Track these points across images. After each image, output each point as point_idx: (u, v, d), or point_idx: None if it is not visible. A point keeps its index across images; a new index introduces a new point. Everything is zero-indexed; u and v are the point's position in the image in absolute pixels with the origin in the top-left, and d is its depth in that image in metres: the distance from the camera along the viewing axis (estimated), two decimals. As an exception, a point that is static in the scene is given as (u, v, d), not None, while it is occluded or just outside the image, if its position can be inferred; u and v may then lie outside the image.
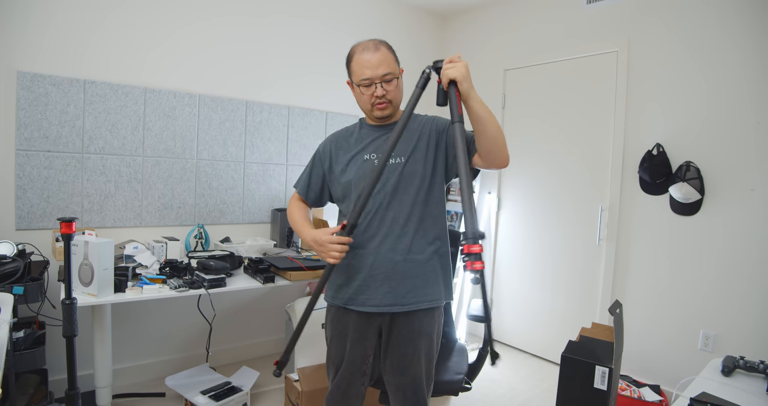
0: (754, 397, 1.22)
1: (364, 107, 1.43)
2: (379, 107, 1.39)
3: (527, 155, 3.22)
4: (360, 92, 1.40)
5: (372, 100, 1.38)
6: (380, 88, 1.36)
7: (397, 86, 1.39)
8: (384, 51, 1.36)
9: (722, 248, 2.31)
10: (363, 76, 1.36)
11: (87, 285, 1.77)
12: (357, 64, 1.38)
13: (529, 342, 3.22)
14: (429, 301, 1.40)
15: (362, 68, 1.36)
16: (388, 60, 1.36)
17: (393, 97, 1.39)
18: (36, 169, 2.18)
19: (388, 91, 1.37)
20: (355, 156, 1.45)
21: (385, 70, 1.35)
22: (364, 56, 1.36)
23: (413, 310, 1.39)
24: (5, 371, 1.21)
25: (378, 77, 1.35)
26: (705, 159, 2.35)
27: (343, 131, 1.55)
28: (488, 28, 3.47)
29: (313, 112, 3.08)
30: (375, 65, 1.34)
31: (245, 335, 2.91)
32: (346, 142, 1.50)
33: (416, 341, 1.41)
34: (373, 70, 1.34)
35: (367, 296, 1.39)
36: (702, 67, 2.37)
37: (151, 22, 2.44)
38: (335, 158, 1.49)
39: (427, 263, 1.40)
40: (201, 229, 2.59)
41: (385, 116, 1.42)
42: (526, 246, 3.23)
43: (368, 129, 1.49)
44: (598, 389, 1.45)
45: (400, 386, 1.43)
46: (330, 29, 3.11)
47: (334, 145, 1.51)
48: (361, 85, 1.38)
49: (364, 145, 1.45)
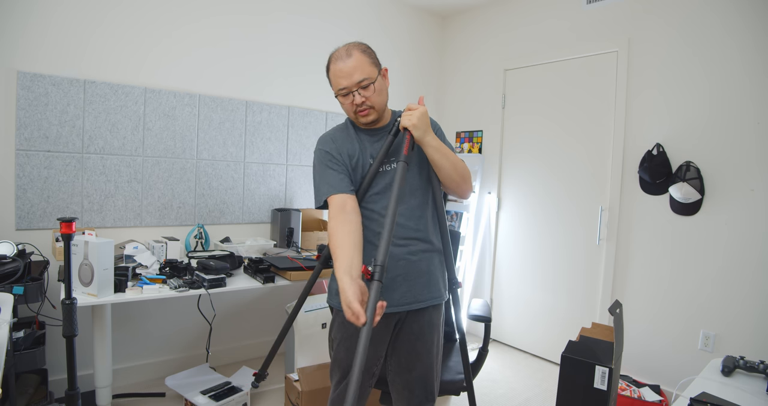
0: (754, 397, 1.22)
1: (349, 115, 1.41)
2: (361, 114, 1.35)
3: (527, 155, 3.22)
4: (341, 102, 1.37)
5: (353, 107, 1.34)
6: (358, 95, 1.31)
7: (377, 90, 1.33)
8: (357, 56, 1.30)
9: (722, 248, 2.31)
10: (339, 86, 1.32)
11: (87, 285, 1.77)
12: (332, 75, 1.34)
13: (529, 342, 3.22)
14: (438, 297, 1.44)
15: (337, 79, 1.32)
16: (362, 65, 1.30)
17: (374, 102, 1.33)
18: (36, 169, 2.18)
19: (367, 98, 1.31)
20: (366, 163, 1.41)
21: (360, 76, 1.29)
22: (337, 66, 1.31)
23: (425, 306, 1.41)
24: (5, 371, 1.21)
25: (354, 85, 1.30)
26: (705, 159, 2.35)
27: (336, 131, 1.47)
28: (488, 27, 3.47)
29: (313, 112, 3.07)
30: (348, 73, 1.29)
31: (245, 335, 2.91)
32: (346, 141, 1.44)
33: (426, 335, 1.42)
34: (347, 79, 1.30)
35: (385, 298, 1.37)
36: (702, 66, 2.37)
37: (151, 22, 2.44)
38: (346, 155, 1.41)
39: (434, 260, 1.43)
40: (201, 229, 2.59)
41: (370, 122, 1.38)
42: (526, 246, 3.23)
43: (361, 132, 1.43)
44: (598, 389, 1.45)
45: (407, 384, 1.42)
46: (330, 28, 3.11)
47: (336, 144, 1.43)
48: (340, 95, 1.35)
49: (365, 147, 1.41)
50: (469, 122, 3.61)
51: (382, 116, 1.41)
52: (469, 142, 3.59)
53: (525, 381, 2.77)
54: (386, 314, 1.39)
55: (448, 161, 1.35)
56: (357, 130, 1.44)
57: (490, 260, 3.43)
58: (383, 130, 1.43)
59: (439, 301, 1.44)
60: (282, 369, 2.68)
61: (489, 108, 3.45)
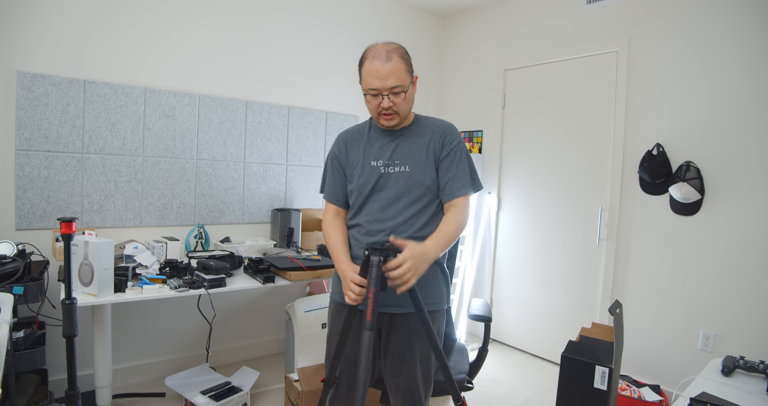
0: (754, 397, 1.22)
1: (372, 114, 1.42)
2: (385, 117, 1.38)
3: (527, 155, 3.22)
4: (367, 100, 1.38)
5: (378, 109, 1.36)
6: (387, 100, 1.33)
7: (406, 98, 1.36)
8: (396, 61, 1.31)
9: (722, 248, 2.31)
10: (371, 85, 1.33)
11: (87, 285, 1.77)
12: (366, 72, 1.34)
13: (529, 342, 3.22)
14: (429, 304, 1.41)
15: (371, 78, 1.32)
16: (399, 71, 1.31)
17: (400, 109, 1.36)
18: (36, 169, 2.18)
19: (395, 103, 1.34)
20: (364, 162, 1.44)
21: (394, 82, 1.31)
22: (374, 65, 1.31)
23: (412, 312, 1.38)
24: (5, 371, 1.21)
25: (386, 89, 1.31)
26: (705, 159, 2.35)
27: (354, 131, 1.52)
28: (488, 27, 3.47)
29: (313, 112, 3.07)
30: (384, 76, 1.30)
31: (245, 335, 2.91)
32: (356, 144, 1.48)
33: (414, 343, 1.40)
34: (381, 82, 1.31)
35: None
36: (702, 67, 2.37)
37: (151, 22, 2.44)
38: (348, 160, 1.48)
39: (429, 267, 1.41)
40: (201, 229, 2.59)
41: (391, 126, 1.41)
42: (526, 246, 3.23)
43: (377, 132, 1.47)
44: (598, 389, 1.45)
45: (399, 388, 1.43)
46: (330, 28, 3.11)
47: (346, 146, 1.49)
48: (369, 94, 1.36)
49: (373, 150, 1.44)
50: (469, 122, 3.61)
51: (403, 120, 1.43)
52: (469, 142, 3.60)
53: (525, 381, 2.77)
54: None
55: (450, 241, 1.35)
56: (373, 131, 1.47)
57: (490, 260, 3.43)
58: (400, 131, 1.44)
59: (430, 308, 1.39)
60: (282, 369, 2.69)
61: (489, 108, 3.45)
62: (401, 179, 1.39)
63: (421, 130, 1.44)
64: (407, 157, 1.40)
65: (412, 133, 1.44)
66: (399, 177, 1.40)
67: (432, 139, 1.42)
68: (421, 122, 1.47)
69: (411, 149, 1.41)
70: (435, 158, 1.41)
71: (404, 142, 1.43)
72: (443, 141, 1.42)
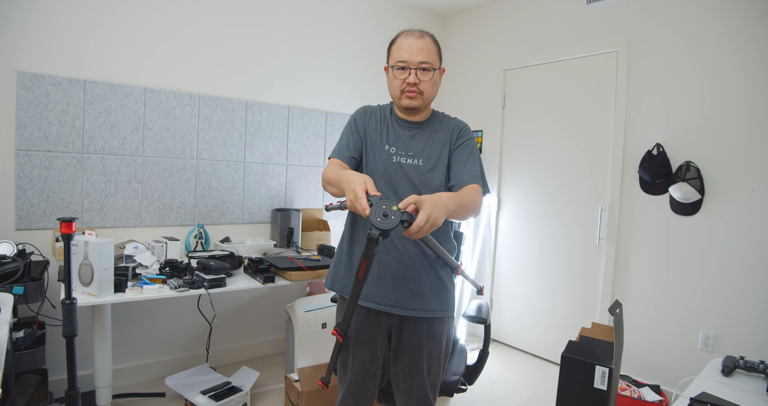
0: (754, 397, 1.22)
1: (394, 93, 1.38)
2: (408, 95, 1.33)
3: (527, 155, 3.22)
4: (393, 76, 1.35)
5: (402, 86, 1.32)
6: (413, 75, 1.30)
7: (433, 79, 1.33)
8: (428, 40, 1.32)
9: (722, 248, 2.31)
10: (399, 58, 1.31)
11: (87, 285, 1.77)
12: (396, 47, 1.33)
13: (529, 342, 3.22)
14: (438, 310, 1.39)
15: (400, 50, 1.31)
16: (430, 50, 1.31)
17: (425, 89, 1.33)
18: (36, 169, 2.18)
19: (421, 81, 1.31)
20: (380, 143, 1.40)
21: (424, 57, 1.29)
22: (406, 40, 1.31)
23: (423, 317, 1.37)
24: (5, 371, 1.21)
25: (414, 63, 1.29)
26: (705, 159, 2.35)
27: (376, 109, 1.46)
28: (488, 27, 3.47)
29: (313, 112, 3.08)
30: (415, 51, 1.29)
31: (245, 335, 2.91)
32: (376, 122, 1.42)
33: (425, 348, 1.39)
34: (410, 55, 1.29)
35: (371, 291, 1.37)
36: (702, 67, 2.37)
37: (151, 22, 2.44)
38: (367, 133, 1.42)
39: (437, 272, 1.40)
40: (201, 229, 2.59)
41: (412, 108, 1.35)
42: (526, 246, 3.23)
43: (396, 121, 1.42)
44: (598, 389, 1.45)
45: (409, 391, 1.41)
46: (330, 29, 3.11)
47: (367, 119, 1.43)
48: (395, 67, 1.33)
49: (390, 134, 1.40)
50: (469, 122, 3.52)
51: (423, 110, 1.41)
52: (469, 143, 3.59)
53: (525, 381, 2.77)
54: (373, 310, 1.39)
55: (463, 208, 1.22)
56: (393, 117, 1.43)
57: (490, 260, 3.43)
58: (417, 124, 1.42)
59: (427, 315, 1.38)
60: (282, 369, 2.69)
61: (489, 108, 3.45)
62: (411, 172, 1.36)
63: (438, 127, 1.42)
64: (422, 152, 1.38)
65: (429, 129, 1.42)
66: (409, 169, 1.36)
67: (448, 137, 1.40)
68: (438, 119, 1.45)
69: (426, 144, 1.39)
70: (449, 154, 1.39)
71: (420, 135, 1.40)
72: (458, 135, 1.41)
